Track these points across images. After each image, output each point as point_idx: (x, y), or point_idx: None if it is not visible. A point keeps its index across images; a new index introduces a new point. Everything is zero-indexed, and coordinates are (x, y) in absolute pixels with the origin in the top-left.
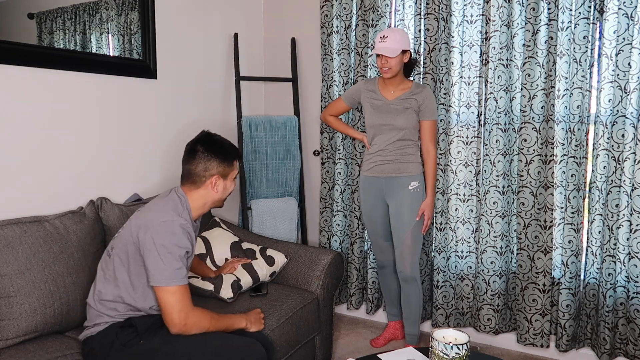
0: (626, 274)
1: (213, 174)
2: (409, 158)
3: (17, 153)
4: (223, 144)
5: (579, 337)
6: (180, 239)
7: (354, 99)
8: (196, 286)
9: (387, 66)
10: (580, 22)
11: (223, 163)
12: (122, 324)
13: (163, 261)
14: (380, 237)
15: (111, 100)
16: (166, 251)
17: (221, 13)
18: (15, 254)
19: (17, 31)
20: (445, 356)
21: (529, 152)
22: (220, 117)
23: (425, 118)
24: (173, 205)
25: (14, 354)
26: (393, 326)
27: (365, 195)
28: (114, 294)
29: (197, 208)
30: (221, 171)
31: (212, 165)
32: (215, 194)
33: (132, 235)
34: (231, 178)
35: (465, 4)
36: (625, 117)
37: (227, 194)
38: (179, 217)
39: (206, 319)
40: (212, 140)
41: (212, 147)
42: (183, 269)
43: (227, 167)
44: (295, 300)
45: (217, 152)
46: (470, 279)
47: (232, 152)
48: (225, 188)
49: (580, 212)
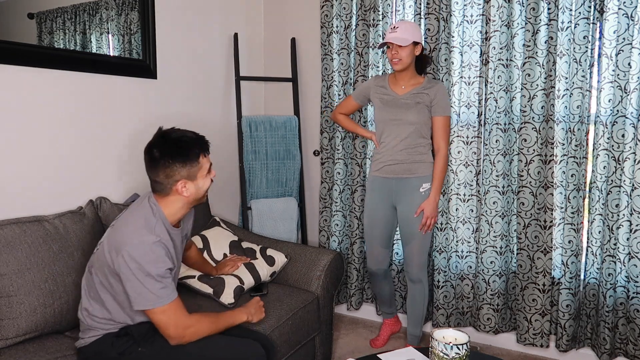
0: (626, 274)
1: (177, 180)
2: (421, 157)
3: (17, 153)
4: (180, 142)
5: (579, 337)
6: (156, 258)
7: (364, 96)
8: (194, 287)
9: (398, 57)
10: (580, 22)
11: (186, 165)
12: (116, 333)
13: (143, 285)
14: (378, 243)
15: (111, 100)
16: (143, 274)
17: (221, 13)
18: (15, 254)
19: (17, 31)
20: (445, 356)
21: (529, 152)
22: (220, 117)
23: (437, 114)
24: (144, 221)
25: (14, 353)
26: (389, 323)
27: (372, 196)
28: (102, 313)
29: (173, 214)
30: (186, 175)
31: (173, 171)
32: (189, 197)
33: (106, 257)
34: (201, 176)
35: (465, 4)
36: (625, 117)
37: (204, 191)
38: (150, 234)
39: (204, 326)
40: (169, 141)
41: (168, 151)
42: (168, 287)
43: (192, 167)
44: (295, 300)
45: (176, 154)
46: (470, 279)
47: (195, 147)
48: (198, 188)
49: (580, 212)
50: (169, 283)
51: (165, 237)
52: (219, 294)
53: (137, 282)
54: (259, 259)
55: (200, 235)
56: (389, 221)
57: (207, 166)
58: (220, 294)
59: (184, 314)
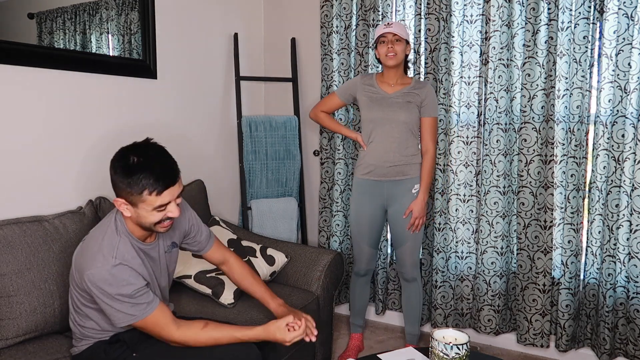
0: (626, 274)
1: (118, 195)
2: (411, 159)
3: (17, 153)
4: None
5: (579, 337)
6: (119, 282)
7: (349, 95)
8: (192, 287)
9: (393, 51)
10: (580, 22)
11: (127, 187)
12: (108, 340)
13: (112, 306)
14: (366, 244)
15: (111, 100)
16: (108, 298)
17: (221, 13)
18: (15, 254)
19: (17, 31)
20: (445, 356)
21: (529, 152)
22: (220, 117)
23: (427, 115)
24: (106, 241)
25: (14, 353)
26: (357, 337)
27: (360, 199)
28: (90, 324)
29: (133, 229)
30: (125, 196)
31: (115, 184)
32: (131, 217)
33: (75, 277)
34: (145, 209)
35: (465, 4)
36: (625, 117)
37: (149, 223)
38: (109, 257)
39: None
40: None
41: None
42: (140, 304)
43: (133, 194)
44: (295, 300)
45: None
46: (470, 280)
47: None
48: (139, 215)
49: (580, 212)
50: (142, 299)
51: (131, 256)
52: (218, 294)
53: (105, 304)
54: (259, 259)
55: None
56: (378, 222)
57: (155, 204)
58: (220, 294)
59: (166, 327)
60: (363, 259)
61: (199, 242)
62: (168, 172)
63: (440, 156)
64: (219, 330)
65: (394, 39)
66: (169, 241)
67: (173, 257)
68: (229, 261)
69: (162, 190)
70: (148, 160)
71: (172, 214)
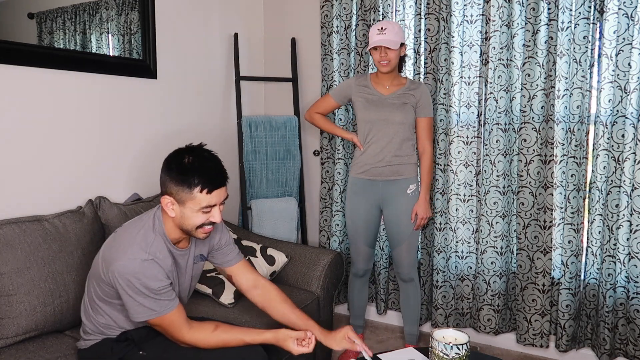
0: (626, 274)
1: (165, 193)
2: (407, 159)
3: (17, 152)
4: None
5: (579, 337)
6: (148, 276)
7: (344, 96)
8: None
9: (387, 59)
10: (580, 22)
11: (177, 184)
12: (116, 338)
13: (135, 299)
14: (363, 244)
15: (111, 100)
16: (133, 291)
17: (221, 13)
18: (15, 253)
19: (17, 31)
20: (445, 356)
21: (528, 152)
22: (220, 117)
23: (423, 115)
24: (141, 236)
25: (14, 353)
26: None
27: (356, 198)
28: (105, 320)
29: (170, 231)
30: (174, 192)
31: (166, 181)
32: (174, 218)
33: (100, 266)
34: (191, 207)
35: (465, 4)
36: (625, 117)
37: (190, 224)
38: (142, 251)
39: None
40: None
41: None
42: (162, 300)
43: (183, 191)
44: (296, 300)
45: (177, 167)
46: (470, 280)
47: (197, 175)
48: (183, 215)
49: (580, 212)
50: (165, 296)
51: (163, 255)
52: (218, 294)
53: (128, 296)
54: (259, 258)
55: None
56: (374, 222)
57: (203, 203)
58: (220, 294)
59: (180, 328)
60: (360, 258)
61: (227, 255)
62: (220, 174)
63: (440, 156)
64: (229, 334)
65: (387, 47)
66: (199, 253)
67: (199, 269)
68: (264, 285)
69: (212, 189)
70: (203, 161)
71: (214, 219)
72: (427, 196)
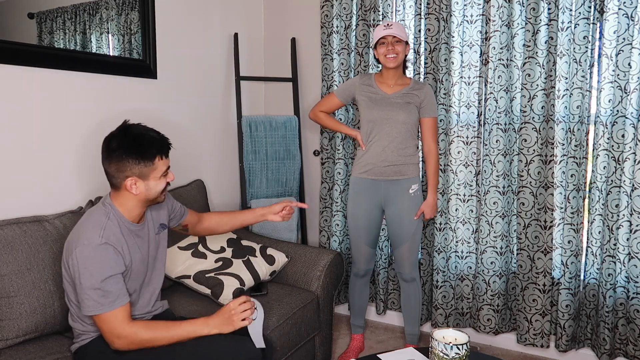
0: (626, 274)
1: (128, 176)
2: (410, 159)
3: (17, 153)
4: (140, 139)
5: (579, 337)
6: (102, 262)
7: (348, 95)
8: (191, 287)
9: (394, 52)
10: (581, 22)
11: (139, 163)
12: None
13: (84, 291)
14: (364, 244)
15: (111, 100)
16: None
17: (221, 13)
18: (15, 254)
19: (17, 31)
20: (445, 356)
21: (529, 152)
22: (220, 117)
23: (427, 115)
24: (94, 220)
25: (14, 354)
26: (358, 339)
27: (358, 198)
28: (91, 322)
29: (129, 210)
30: (137, 172)
31: (125, 166)
32: (138, 195)
33: (63, 260)
34: (154, 177)
35: (465, 4)
36: (625, 117)
37: (156, 192)
38: (96, 236)
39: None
40: (129, 135)
41: (126, 145)
42: (110, 295)
43: (146, 166)
44: (295, 300)
45: (131, 150)
46: (470, 279)
47: (153, 148)
48: (149, 188)
49: (580, 212)
50: (113, 290)
51: (117, 238)
52: (217, 294)
53: (80, 285)
54: (258, 258)
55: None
56: (376, 222)
57: (162, 168)
58: (219, 294)
59: (121, 324)
60: (361, 258)
61: (179, 212)
62: (163, 137)
63: (440, 156)
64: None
65: (394, 40)
66: (158, 223)
67: (164, 237)
68: (204, 215)
69: (165, 152)
70: (147, 132)
71: (170, 178)
72: (435, 196)
